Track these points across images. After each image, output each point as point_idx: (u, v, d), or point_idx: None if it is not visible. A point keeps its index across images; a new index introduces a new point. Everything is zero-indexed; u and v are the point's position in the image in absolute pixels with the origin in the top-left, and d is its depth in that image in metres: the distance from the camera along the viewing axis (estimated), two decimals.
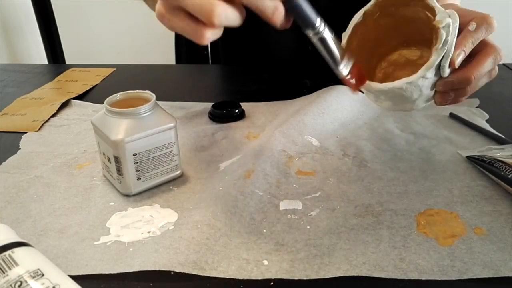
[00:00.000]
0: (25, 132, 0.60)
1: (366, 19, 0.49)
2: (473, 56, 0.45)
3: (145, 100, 0.46)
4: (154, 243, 0.39)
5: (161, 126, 0.45)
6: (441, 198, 0.45)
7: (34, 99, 0.72)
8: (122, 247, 0.39)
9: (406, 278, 0.35)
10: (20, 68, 0.88)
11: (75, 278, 0.33)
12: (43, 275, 0.29)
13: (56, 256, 0.38)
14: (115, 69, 0.87)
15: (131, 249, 0.39)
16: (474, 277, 0.35)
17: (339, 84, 0.41)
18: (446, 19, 0.43)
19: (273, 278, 0.36)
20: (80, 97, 0.73)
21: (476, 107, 0.66)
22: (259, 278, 0.36)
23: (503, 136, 0.56)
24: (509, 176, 0.44)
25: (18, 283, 0.28)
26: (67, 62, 1.73)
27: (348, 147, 0.55)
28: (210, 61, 1.01)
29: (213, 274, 0.36)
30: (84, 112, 0.67)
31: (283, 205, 0.45)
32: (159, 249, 0.38)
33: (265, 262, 0.37)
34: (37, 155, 0.54)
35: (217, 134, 0.59)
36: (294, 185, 0.48)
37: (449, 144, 0.56)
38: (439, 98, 0.46)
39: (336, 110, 0.63)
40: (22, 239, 0.33)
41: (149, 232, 0.41)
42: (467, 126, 0.60)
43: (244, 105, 0.66)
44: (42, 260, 0.31)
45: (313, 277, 0.36)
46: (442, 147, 0.55)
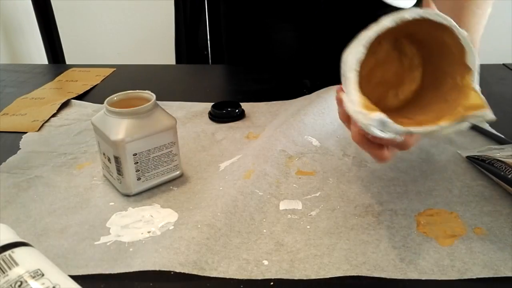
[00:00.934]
0: (25, 132, 0.60)
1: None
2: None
3: (145, 100, 0.46)
4: (154, 243, 0.39)
5: (161, 126, 0.45)
6: (441, 198, 0.45)
7: (34, 99, 0.72)
8: (122, 247, 0.39)
9: (406, 278, 0.35)
10: (20, 68, 0.88)
11: (75, 278, 0.33)
12: (43, 275, 0.29)
13: (56, 256, 0.38)
14: (115, 69, 0.87)
15: (131, 249, 0.39)
16: (474, 277, 0.35)
17: (339, 84, 0.41)
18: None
19: (273, 278, 0.36)
20: (80, 97, 0.73)
21: None
22: (259, 278, 0.36)
23: (503, 136, 0.56)
24: (509, 176, 0.44)
25: (18, 283, 0.28)
26: (67, 62, 1.73)
27: (348, 147, 0.55)
28: (210, 61, 1.01)
29: (213, 274, 0.36)
30: (84, 112, 0.67)
31: (283, 205, 0.45)
32: (159, 249, 0.38)
33: (265, 262, 0.37)
34: (37, 155, 0.54)
35: (217, 134, 0.59)
36: (294, 185, 0.48)
37: (449, 144, 0.56)
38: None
39: (336, 110, 0.62)
40: (22, 239, 0.33)
41: (149, 232, 0.41)
42: None
43: (244, 105, 0.66)
44: (42, 260, 0.31)
45: (313, 277, 0.36)
46: (442, 147, 0.55)
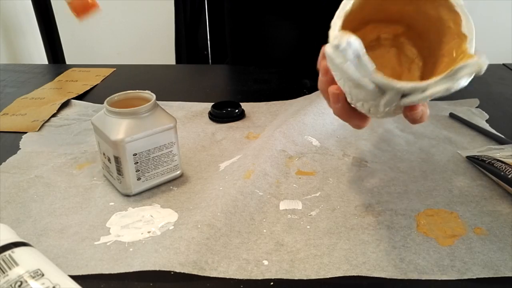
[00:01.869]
0: (25, 132, 0.60)
1: None
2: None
3: (145, 100, 0.46)
4: (154, 243, 0.39)
5: (161, 126, 0.45)
6: (441, 198, 0.45)
7: (34, 99, 0.72)
8: (122, 247, 0.39)
9: (406, 278, 0.35)
10: (20, 68, 0.88)
11: (75, 278, 0.34)
12: (43, 275, 0.29)
13: (56, 256, 0.38)
14: (115, 69, 0.87)
15: (131, 249, 0.39)
16: (474, 277, 0.35)
17: None
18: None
19: (273, 278, 0.36)
20: (80, 97, 0.73)
21: (476, 107, 0.66)
22: (259, 278, 0.36)
23: (503, 136, 0.56)
24: (509, 176, 0.44)
25: (18, 283, 0.28)
26: (67, 62, 1.73)
27: (348, 147, 0.55)
28: (210, 61, 1.01)
29: (213, 274, 0.36)
30: (84, 112, 0.67)
31: (283, 205, 0.45)
32: (159, 249, 0.38)
33: (265, 262, 0.37)
34: (37, 155, 0.54)
35: (217, 134, 0.59)
36: (294, 185, 0.48)
37: (449, 144, 0.56)
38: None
39: None
40: (22, 239, 0.33)
41: (149, 232, 0.41)
42: (467, 126, 0.60)
43: (244, 105, 0.66)
44: (42, 260, 0.31)
45: (313, 277, 0.36)
46: (442, 147, 0.55)
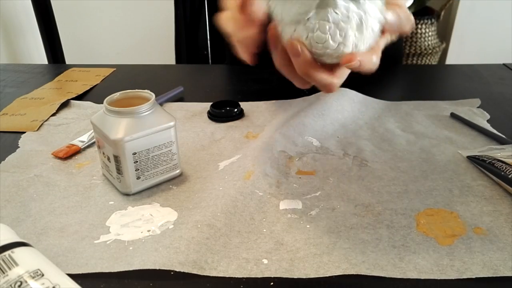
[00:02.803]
0: (25, 132, 0.60)
1: None
2: None
3: (145, 100, 0.46)
4: (154, 242, 0.39)
5: (161, 125, 0.45)
6: (441, 198, 0.45)
7: (34, 99, 0.72)
8: (122, 246, 0.39)
9: (405, 277, 0.35)
10: (20, 68, 0.88)
11: (75, 277, 0.34)
12: (43, 275, 0.29)
13: (56, 255, 0.38)
14: (115, 69, 0.86)
15: (131, 248, 0.39)
16: (473, 277, 0.35)
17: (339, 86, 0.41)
18: None
19: (272, 276, 0.36)
20: (80, 97, 0.73)
21: (477, 107, 0.66)
22: (259, 277, 0.36)
23: (504, 136, 0.56)
24: (510, 176, 0.44)
25: (18, 283, 0.28)
26: (67, 62, 1.73)
27: (348, 147, 0.55)
28: (210, 61, 1.01)
29: (213, 273, 0.36)
30: (84, 113, 0.67)
31: (283, 204, 0.45)
32: (159, 248, 0.38)
33: (265, 261, 0.37)
34: (36, 153, 0.54)
35: (216, 134, 0.59)
36: (294, 184, 0.48)
37: (449, 144, 0.56)
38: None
39: (336, 111, 0.63)
40: (22, 238, 0.33)
41: (149, 231, 0.41)
42: (468, 126, 0.60)
43: (243, 105, 0.66)
44: (42, 260, 0.31)
45: (312, 275, 0.36)
46: (443, 147, 0.55)
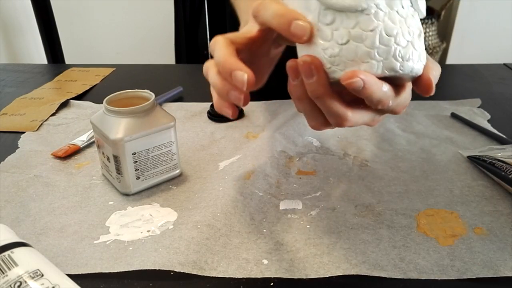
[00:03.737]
0: (24, 132, 0.60)
1: None
2: None
3: (144, 99, 0.46)
4: (154, 242, 0.39)
5: (160, 125, 0.45)
6: (442, 198, 0.45)
7: (34, 99, 0.71)
8: (122, 246, 0.39)
9: (405, 278, 0.35)
10: (20, 68, 0.88)
11: (74, 277, 0.33)
12: (42, 275, 0.29)
13: (56, 255, 0.38)
14: (114, 69, 0.86)
15: (130, 248, 0.39)
16: (474, 277, 0.35)
17: None
18: None
19: (272, 277, 0.36)
20: (79, 97, 0.72)
21: (478, 107, 0.66)
22: (259, 277, 0.36)
23: (504, 136, 0.56)
24: (510, 176, 0.44)
25: (18, 284, 0.28)
26: (67, 62, 1.73)
27: (349, 147, 0.55)
28: None
29: (213, 274, 0.36)
30: (83, 112, 0.66)
31: (283, 205, 0.45)
32: (158, 249, 0.38)
33: (265, 262, 0.37)
34: (36, 154, 0.54)
35: (216, 134, 0.59)
36: (294, 185, 0.48)
37: (450, 144, 0.56)
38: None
39: None
40: (22, 238, 0.33)
41: (148, 231, 0.41)
42: (468, 126, 0.60)
43: None
44: (41, 261, 0.31)
45: (312, 276, 0.36)
46: (443, 147, 0.55)
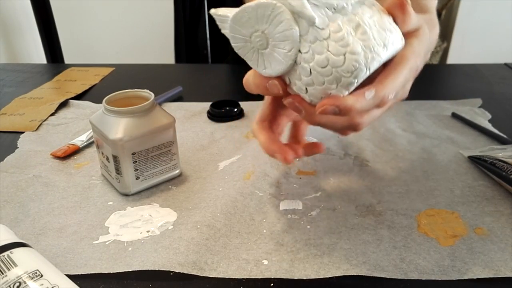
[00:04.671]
0: (23, 132, 0.60)
1: None
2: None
3: (144, 99, 0.46)
4: (154, 242, 0.39)
5: (160, 125, 0.45)
6: (442, 198, 0.45)
7: (33, 99, 0.71)
8: (121, 246, 0.39)
9: (406, 278, 0.35)
10: (19, 67, 0.88)
11: (74, 277, 0.33)
12: (42, 275, 0.29)
13: (55, 255, 0.38)
14: (114, 68, 0.86)
15: (130, 249, 0.39)
16: (475, 277, 0.35)
17: None
18: None
19: (272, 277, 0.35)
20: (79, 97, 0.72)
21: (479, 107, 0.66)
22: (259, 277, 0.35)
23: (505, 136, 0.56)
24: (511, 176, 0.44)
25: (17, 284, 0.28)
26: (66, 62, 1.73)
27: (349, 147, 0.55)
28: (210, 60, 1.01)
29: (213, 274, 0.36)
30: (83, 112, 0.66)
31: (283, 205, 0.44)
32: (158, 249, 0.38)
33: (265, 262, 0.37)
34: (35, 154, 0.54)
35: (216, 133, 0.59)
36: (295, 185, 0.48)
37: (451, 144, 0.56)
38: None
39: None
40: (21, 238, 0.33)
41: (148, 231, 0.41)
42: (469, 126, 0.60)
43: (243, 104, 0.65)
44: (41, 261, 0.31)
45: (313, 276, 0.35)
46: (444, 147, 0.55)
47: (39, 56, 1.75)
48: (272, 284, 0.35)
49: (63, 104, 0.68)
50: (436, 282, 0.35)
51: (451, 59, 1.73)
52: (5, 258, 0.30)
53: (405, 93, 0.38)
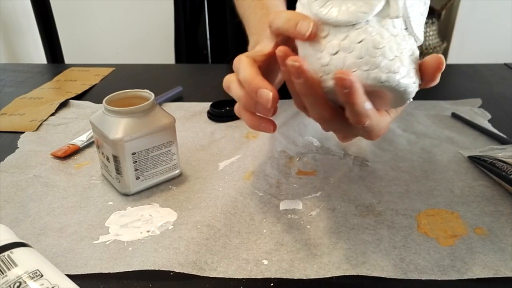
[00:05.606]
0: (23, 132, 0.60)
1: None
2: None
3: (144, 99, 0.46)
4: (154, 242, 0.39)
5: (160, 125, 0.45)
6: (442, 198, 0.45)
7: (33, 99, 0.71)
8: (121, 246, 0.39)
9: (406, 278, 0.35)
10: (19, 67, 0.88)
11: (74, 277, 0.33)
12: (42, 275, 0.29)
13: (55, 255, 0.38)
14: (114, 68, 0.86)
15: (130, 249, 0.39)
16: (474, 277, 0.35)
17: None
18: None
19: (272, 277, 0.35)
20: (79, 97, 0.72)
21: (478, 107, 0.66)
22: (259, 277, 0.35)
23: (505, 136, 0.56)
24: (511, 176, 0.44)
25: (17, 284, 0.28)
26: (66, 62, 1.73)
27: (349, 147, 0.55)
28: (210, 60, 1.01)
29: (213, 274, 0.36)
30: (83, 112, 0.66)
31: (283, 205, 0.44)
32: (158, 249, 0.38)
33: (265, 262, 0.37)
34: (35, 154, 0.54)
35: (216, 133, 0.59)
36: (295, 185, 0.48)
37: (450, 144, 0.56)
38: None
39: None
40: (21, 238, 0.33)
41: (148, 231, 0.41)
42: (469, 126, 0.60)
43: None
44: (41, 261, 0.31)
45: (312, 276, 0.35)
46: (444, 147, 0.55)
47: (39, 56, 1.75)
48: (272, 284, 0.35)
49: (63, 104, 0.68)
50: (436, 282, 0.35)
51: (451, 59, 1.73)
52: (5, 258, 0.30)
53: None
